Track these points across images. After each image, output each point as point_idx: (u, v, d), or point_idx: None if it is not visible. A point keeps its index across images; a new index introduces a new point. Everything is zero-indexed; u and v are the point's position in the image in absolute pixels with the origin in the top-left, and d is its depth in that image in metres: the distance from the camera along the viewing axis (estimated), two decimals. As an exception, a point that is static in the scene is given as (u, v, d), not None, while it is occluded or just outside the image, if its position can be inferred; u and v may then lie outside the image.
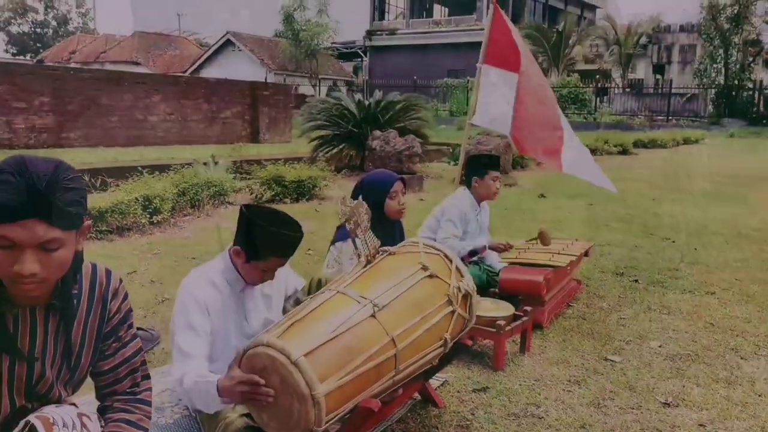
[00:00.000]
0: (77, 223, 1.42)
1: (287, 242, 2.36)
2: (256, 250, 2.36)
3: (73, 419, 1.51)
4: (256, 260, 2.37)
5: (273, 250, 2.35)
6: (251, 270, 2.42)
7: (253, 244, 2.37)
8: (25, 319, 1.53)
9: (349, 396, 2.07)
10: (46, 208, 1.34)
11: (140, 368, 1.77)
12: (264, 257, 2.36)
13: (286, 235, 2.35)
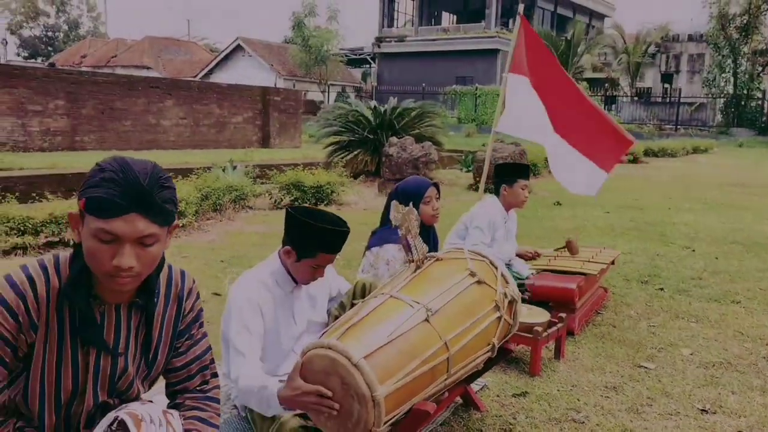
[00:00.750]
0: (171, 220, 1.49)
1: (335, 238, 2.43)
2: (306, 248, 2.44)
3: (159, 416, 1.56)
4: (306, 258, 2.44)
5: (322, 246, 2.42)
6: (302, 268, 2.49)
7: (302, 243, 2.45)
8: (111, 316, 1.59)
9: (406, 398, 2.12)
10: (147, 205, 1.41)
11: (210, 366, 1.83)
12: (313, 254, 2.43)
13: (333, 231, 2.42)
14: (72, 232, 1.51)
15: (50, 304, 1.51)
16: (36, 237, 5.38)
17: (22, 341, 1.50)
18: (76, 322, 1.54)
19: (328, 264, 2.52)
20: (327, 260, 2.48)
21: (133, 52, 38.52)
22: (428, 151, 9.34)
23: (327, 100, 33.24)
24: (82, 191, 1.42)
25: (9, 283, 1.49)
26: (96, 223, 1.39)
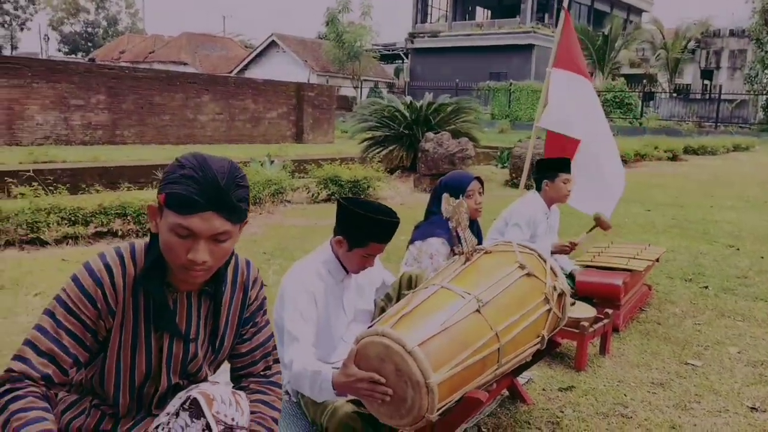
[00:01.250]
0: (243, 217, 1.53)
1: (386, 228, 2.48)
2: (357, 238, 2.49)
3: (228, 397, 1.62)
4: (358, 247, 2.49)
5: (373, 236, 2.47)
6: (353, 258, 2.54)
7: (354, 233, 2.50)
8: (182, 303, 1.65)
9: (458, 386, 2.15)
10: (223, 204, 1.45)
11: (272, 352, 1.88)
12: (365, 243, 2.48)
13: (385, 222, 2.47)
14: (150, 223, 1.56)
15: (126, 291, 1.57)
16: (86, 227, 5.55)
17: (101, 326, 1.57)
18: (150, 308, 1.60)
19: (378, 253, 2.57)
20: (377, 250, 2.52)
21: (170, 48, 39.14)
22: (465, 147, 9.33)
23: (359, 96, 33.33)
24: (162, 186, 1.48)
25: (87, 270, 1.56)
26: (174, 218, 1.44)
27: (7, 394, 1.43)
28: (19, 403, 1.41)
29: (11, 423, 1.38)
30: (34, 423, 1.38)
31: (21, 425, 1.37)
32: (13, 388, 1.44)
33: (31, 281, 4.30)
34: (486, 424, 2.61)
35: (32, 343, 1.50)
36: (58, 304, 1.54)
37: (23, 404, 1.41)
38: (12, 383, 1.45)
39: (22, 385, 1.45)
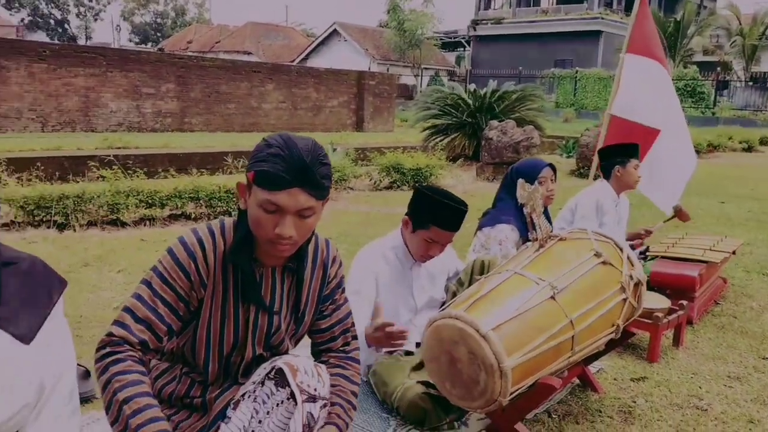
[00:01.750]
0: (326, 194, 1.59)
1: (449, 213, 2.49)
2: (420, 219, 2.53)
3: (311, 368, 1.69)
4: (420, 229, 2.54)
5: (435, 219, 2.49)
6: (416, 240, 2.57)
7: (418, 213, 2.55)
8: (267, 278, 1.73)
9: (531, 372, 2.16)
10: (308, 180, 1.51)
11: (351, 329, 1.94)
12: (426, 226, 2.51)
13: (448, 206, 2.49)
14: (239, 200, 1.63)
15: (217, 265, 1.66)
16: (162, 209, 5.79)
17: (194, 297, 1.66)
18: (238, 281, 1.69)
19: (444, 242, 2.57)
20: (440, 236, 2.53)
21: (235, 37, 39.97)
22: (530, 135, 9.20)
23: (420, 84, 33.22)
24: (251, 164, 1.55)
25: (182, 244, 1.65)
26: (262, 194, 1.51)
27: (109, 357, 1.53)
28: (119, 366, 1.51)
29: (112, 384, 1.48)
30: (133, 385, 1.48)
31: (121, 387, 1.47)
32: (114, 351, 1.54)
33: (113, 259, 4.53)
34: (556, 411, 2.60)
35: (131, 311, 1.60)
36: (154, 275, 1.63)
37: (123, 367, 1.51)
38: (112, 347, 1.55)
39: (121, 349, 1.54)
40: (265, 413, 1.69)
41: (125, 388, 1.47)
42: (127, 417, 1.44)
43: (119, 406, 1.46)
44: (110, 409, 1.48)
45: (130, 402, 1.45)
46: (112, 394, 1.47)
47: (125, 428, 1.45)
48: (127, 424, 1.44)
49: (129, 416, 1.44)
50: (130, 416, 1.44)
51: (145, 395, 1.48)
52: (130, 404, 1.45)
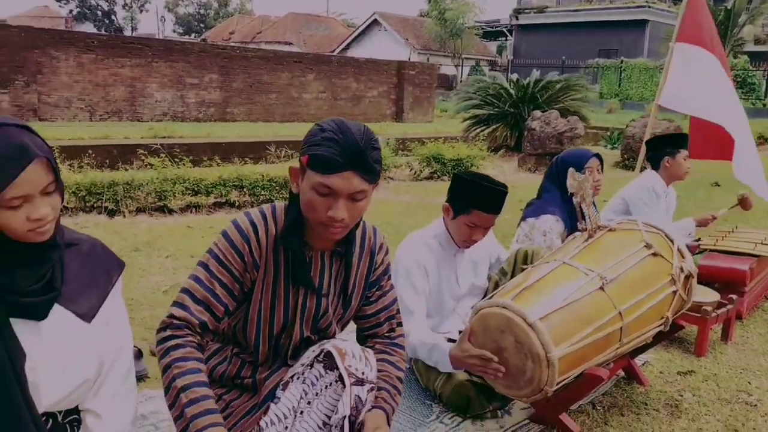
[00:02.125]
0: (377, 178, 1.61)
1: (490, 196, 2.48)
2: (461, 203, 2.52)
3: (359, 352, 1.71)
4: (461, 214, 2.53)
5: (476, 203, 2.48)
6: (458, 226, 2.56)
7: (458, 198, 2.54)
8: (316, 262, 1.76)
9: (578, 363, 2.15)
10: (361, 164, 1.53)
11: (396, 316, 1.95)
12: (467, 210, 2.50)
13: (487, 188, 2.47)
14: (291, 184, 1.66)
15: (268, 247, 1.69)
16: (207, 197, 5.91)
17: (247, 278, 1.70)
18: (289, 264, 1.72)
19: (486, 225, 2.54)
20: (482, 220, 2.50)
21: (277, 28, 40.28)
22: (574, 126, 9.06)
23: (460, 74, 32.94)
24: (305, 148, 1.57)
25: (236, 227, 1.69)
26: (316, 177, 1.54)
27: (170, 340, 1.58)
28: (179, 352, 1.56)
29: (172, 369, 1.54)
30: (191, 373, 1.53)
31: (180, 373, 1.53)
32: (175, 335, 1.59)
33: (161, 245, 4.65)
34: (601, 403, 2.58)
35: (190, 292, 1.65)
36: (211, 257, 1.68)
37: (183, 353, 1.56)
38: (173, 330, 1.60)
39: (182, 333, 1.60)
40: (314, 395, 1.72)
41: (184, 376, 1.52)
42: (183, 405, 1.49)
43: (177, 393, 1.51)
44: (168, 393, 1.54)
45: (187, 391, 1.51)
46: (171, 380, 1.53)
47: (181, 415, 1.50)
48: (183, 411, 1.49)
49: (185, 405, 1.49)
50: (186, 405, 1.49)
51: (202, 385, 1.53)
52: (187, 393, 1.50)
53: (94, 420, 1.50)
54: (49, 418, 1.45)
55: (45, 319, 1.39)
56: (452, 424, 2.41)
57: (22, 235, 1.31)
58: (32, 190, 1.29)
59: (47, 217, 1.32)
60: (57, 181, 1.35)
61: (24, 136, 1.30)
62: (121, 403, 1.56)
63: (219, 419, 1.51)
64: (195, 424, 1.47)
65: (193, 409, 1.49)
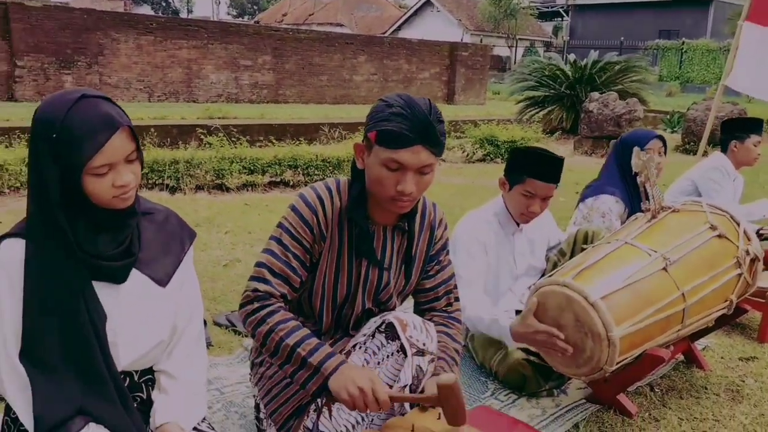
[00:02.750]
0: (442, 151, 1.63)
1: (544, 163, 2.47)
2: (515, 173, 2.53)
3: (420, 324, 1.74)
4: (517, 184, 2.52)
5: (530, 170, 2.47)
6: (515, 198, 2.55)
7: (513, 168, 2.55)
8: (379, 235, 1.80)
9: (639, 343, 2.13)
10: (430, 137, 1.55)
11: (453, 291, 1.98)
12: (522, 178, 2.49)
13: (542, 155, 2.48)
14: (357, 160, 1.70)
15: (334, 219, 1.74)
16: (262, 176, 6.03)
17: (316, 250, 1.75)
18: (353, 237, 1.76)
19: (542, 195, 2.51)
20: (537, 188, 2.48)
21: (329, 9, 40.34)
22: (633, 108, 8.82)
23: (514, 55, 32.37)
24: (372, 124, 1.60)
25: (304, 201, 1.74)
26: (385, 153, 1.56)
27: (261, 310, 1.65)
28: (276, 317, 1.63)
29: (276, 332, 1.61)
30: (298, 330, 1.62)
31: (286, 333, 1.60)
32: (264, 305, 1.66)
33: (220, 221, 4.79)
34: (659, 385, 2.55)
35: (267, 266, 1.71)
36: (283, 231, 1.73)
37: (280, 317, 1.64)
38: (260, 301, 1.67)
39: (270, 302, 1.66)
40: (375, 363, 1.76)
41: (292, 334, 1.60)
42: (304, 357, 1.58)
43: (291, 350, 1.59)
44: (279, 353, 1.62)
45: (302, 345, 1.59)
46: (279, 341, 1.60)
47: (302, 366, 1.58)
48: (305, 362, 1.58)
49: (306, 356, 1.58)
50: (307, 356, 1.58)
51: (311, 336, 1.62)
52: (302, 346, 1.59)
53: (168, 380, 1.57)
54: (126, 376, 1.53)
55: (124, 282, 1.46)
56: (507, 401, 2.43)
57: (108, 202, 1.37)
58: (117, 157, 1.35)
59: (130, 184, 1.38)
60: (138, 149, 1.40)
61: (108, 107, 1.36)
62: (193, 363, 1.63)
63: (344, 358, 1.60)
64: (325, 367, 1.56)
65: (317, 356, 1.57)
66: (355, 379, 1.52)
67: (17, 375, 1.38)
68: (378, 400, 1.50)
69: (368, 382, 1.51)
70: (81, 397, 1.41)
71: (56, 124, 1.31)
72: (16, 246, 1.38)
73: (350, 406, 1.53)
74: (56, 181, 1.33)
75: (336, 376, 1.55)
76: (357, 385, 1.50)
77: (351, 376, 1.53)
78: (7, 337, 1.38)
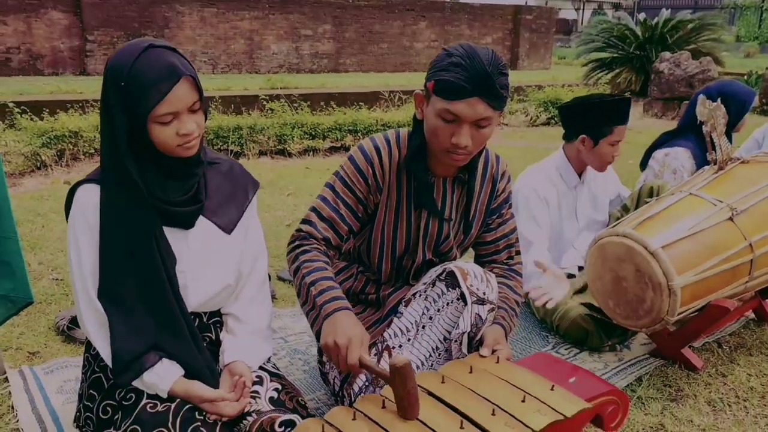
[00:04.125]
0: (504, 105, 1.59)
1: (622, 106, 2.48)
2: (601, 127, 2.50)
3: (480, 273, 1.74)
4: (604, 137, 2.50)
5: (614, 118, 2.48)
6: (602, 151, 2.53)
7: (596, 124, 2.50)
8: (439, 188, 1.79)
9: (702, 294, 2.08)
10: (488, 90, 1.51)
11: (515, 244, 1.96)
12: (610, 130, 2.49)
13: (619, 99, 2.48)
14: (416, 110, 1.69)
15: (392, 171, 1.75)
16: (323, 141, 6.11)
17: (371, 201, 1.76)
18: (412, 188, 1.76)
19: (622, 139, 2.52)
20: (621, 133, 2.51)
21: (389, -23, 39.84)
22: (707, 68, 8.40)
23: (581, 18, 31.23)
24: (431, 74, 1.57)
25: (361, 151, 1.75)
26: (441, 104, 1.54)
27: (298, 248, 1.70)
28: (306, 255, 1.67)
29: (301, 270, 1.65)
30: (318, 270, 1.64)
31: (308, 272, 1.64)
32: (302, 244, 1.71)
33: (283, 184, 4.90)
34: (727, 342, 2.49)
35: (317, 210, 1.75)
36: (337, 179, 1.76)
37: (310, 256, 1.67)
38: (300, 240, 1.72)
39: (308, 242, 1.71)
40: (435, 310, 1.78)
41: (312, 273, 1.63)
42: (313, 296, 1.60)
43: (307, 288, 1.62)
44: (300, 292, 1.66)
45: (316, 284, 1.61)
46: (301, 279, 1.64)
47: (312, 307, 1.61)
48: (314, 302, 1.60)
49: (315, 296, 1.60)
50: (316, 296, 1.60)
51: (328, 279, 1.63)
52: (315, 286, 1.61)
53: (234, 322, 1.64)
54: (196, 317, 1.60)
55: (192, 228, 1.53)
56: (569, 355, 2.42)
57: (172, 150, 1.42)
58: (180, 106, 1.39)
59: (194, 133, 1.42)
60: (201, 100, 1.44)
61: (173, 57, 1.40)
62: (258, 307, 1.69)
63: (346, 304, 1.59)
64: (324, 309, 1.56)
65: (323, 297, 1.58)
66: (337, 332, 1.49)
67: (96, 312, 1.47)
68: (346, 359, 1.45)
69: (345, 339, 1.47)
70: (155, 335, 1.48)
71: (124, 73, 1.35)
72: (92, 190, 1.46)
73: (327, 354, 1.53)
74: (124, 128, 1.38)
75: (328, 321, 1.53)
76: (335, 338, 1.48)
77: (337, 327, 1.50)
78: (86, 277, 1.46)
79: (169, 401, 1.45)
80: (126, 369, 1.45)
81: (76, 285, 1.48)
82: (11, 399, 1.97)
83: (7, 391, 2.01)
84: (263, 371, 1.63)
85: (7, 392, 2.00)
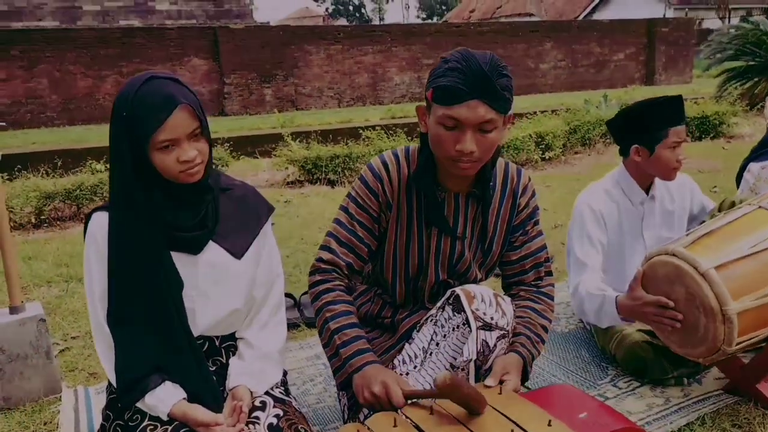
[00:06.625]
0: (508, 107, 1.52)
1: (674, 105, 2.28)
2: (654, 134, 2.29)
3: (490, 297, 1.64)
4: (658, 142, 2.28)
5: (667, 120, 2.27)
6: (661, 159, 2.31)
7: (648, 129, 2.30)
8: (450, 203, 1.72)
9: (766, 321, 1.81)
10: (487, 91, 1.45)
11: (544, 264, 1.83)
12: (664, 133, 2.27)
13: (664, 101, 2.28)
14: (420, 123, 1.65)
15: (401, 187, 1.70)
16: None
17: (383, 218, 1.73)
18: (422, 205, 1.71)
19: (682, 140, 2.29)
20: (679, 134, 2.27)
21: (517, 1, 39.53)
22: None
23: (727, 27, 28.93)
24: (430, 81, 1.54)
25: (370, 169, 1.73)
26: (441, 110, 1.50)
27: (320, 285, 1.69)
28: (329, 296, 1.67)
29: (324, 313, 1.65)
30: (342, 315, 1.63)
31: (332, 316, 1.63)
32: (324, 279, 1.70)
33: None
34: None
35: (334, 235, 1.74)
36: (350, 201, 1.75)
37: (333, 297, 1.66)
38: (322, 274, 1.71)
39: (331, 277, 1.70)
40: (442, 336, 1.69)
41: (336, 318, 1.63)
42: (337, 346, 1.60)
43: (330, 335, 1.62)
44: (322, 334, 1.66)
45: (340, 333, 1.61)
46: (324, 322, 1.65)
47: (336, 354, 1.61)
48: (338, 352, 1.60)
49: (339, 346, 1.60)
50: (340, 346, 1.60)
51: (353, 326, 1.62)
52: (339, 335, 1.61)
53: (245, 346, 1.64)
54: (206, 341, 1.62)
55: (200, 253, 1.55)
56: (627, 388, 2.20)
57: (176, 176, 1.46)
58: (179, 133, 1.43)
59: (195, 160, 1.45)
60: (203, 128, 1.47)
61: (171, 87, 1.45)
62: (270, 332, 1.67)
63: (372, 357, 1.58)
64: (351, 364, 1.57)
65: (348, 350, 1.58)
66: (371, 384, 1.50)
67: (104, 335, 1.53)
68: (392, 401, 1.46)
69: (380, 386, 1.48)
70: (159, 357, 1.52)
71: (127, 103, 1.42)
72: (103, 218, 1.53)
73: (369, 407, 1.52)
74: (129, 156, 1.45)
75: (359, 376, 1.55)
76: (371, 390, 1.49)
77: (369, 379, 1.51)
78: (96, 301, 1.53)
79: (168, 424, 1.47)
80: (129, 390, 1.49)
81: (89, 308, 1.55)
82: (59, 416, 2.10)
83: (57, 409, 2.15)
84: (268, 396, 1.61)
85: (58, 410, 2.14)
